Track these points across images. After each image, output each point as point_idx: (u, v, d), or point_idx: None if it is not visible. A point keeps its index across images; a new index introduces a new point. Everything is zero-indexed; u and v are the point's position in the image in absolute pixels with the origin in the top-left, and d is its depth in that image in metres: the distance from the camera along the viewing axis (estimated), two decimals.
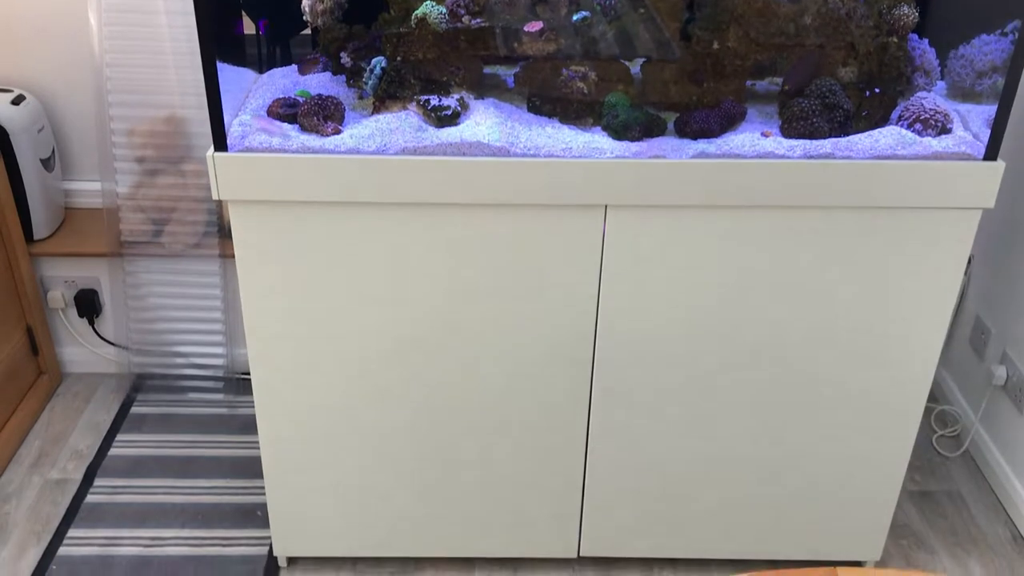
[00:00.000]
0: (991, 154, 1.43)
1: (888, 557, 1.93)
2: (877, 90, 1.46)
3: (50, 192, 2.18)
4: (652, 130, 1.46)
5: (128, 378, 2.40)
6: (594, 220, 1.47)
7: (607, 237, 1.49)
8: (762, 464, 1.72)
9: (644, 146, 1.44)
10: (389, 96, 1.49)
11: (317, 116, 1.44)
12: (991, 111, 1.45)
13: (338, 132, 1.44)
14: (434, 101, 1.46)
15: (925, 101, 1.45)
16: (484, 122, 1.45)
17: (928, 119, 1.44)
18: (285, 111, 1.48)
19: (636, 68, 1.56)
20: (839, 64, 1.46)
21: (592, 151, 1.43)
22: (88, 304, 2.32)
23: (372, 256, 1.50)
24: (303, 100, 1.47)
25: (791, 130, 1.45)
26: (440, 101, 1.46)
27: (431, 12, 1.43)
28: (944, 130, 1.45)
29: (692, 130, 1.45)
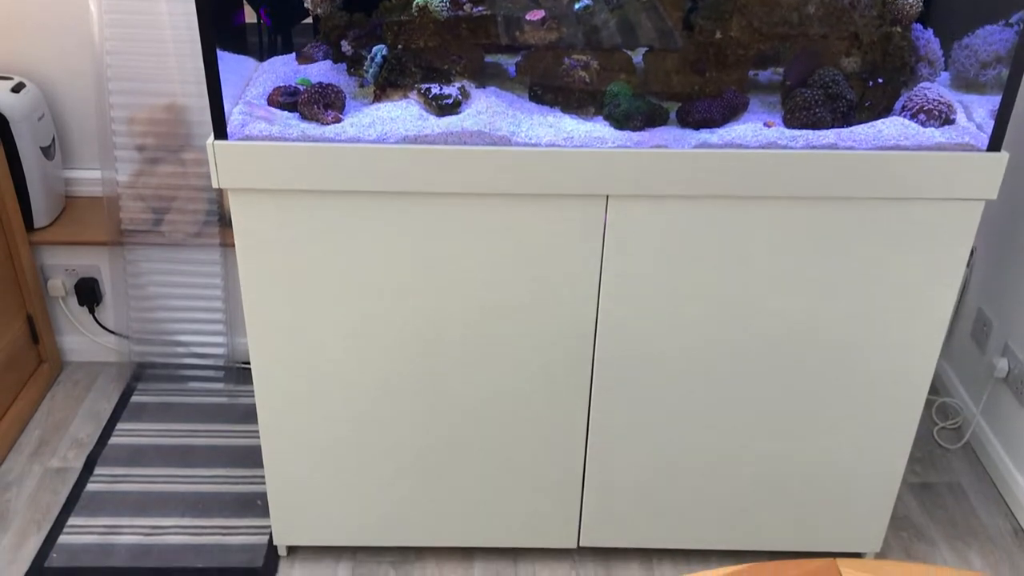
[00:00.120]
0: (995, 145, 1.42)
1: (888, 549, 1.93)
2: (880, 80, 1.45)
3: (50, 180, 2.17)
4: (654, 120, 1.45)
5: (128, 367, 2.40)
6: (595, 210, 1.47)
7: (608, 227, 1.49)
8: (762, 455, 1.72)
9: (646, 136, 1.43)
10: (390, 84, 1.48)
11: (317, 104, 1.44)
12: (995, 102, 1.44)
13: (339, 121, 1.44)
14: (435, 90, 1.45)
15: (929, 91, 1.44)
16: (485, 111, 1.44)
17: (932, 110, 1.43)
18: (286, 99, 1.47)
19: (638, 57, 1.55)
20: (842, 54, 1.46)
21: (594, 141, 1.42)
22: (88, 292, 2.32)
23: (372, 245, 1.50)
24: (304, 88, 1.46)
25: (794, 120, 1.45)
26: (441, 90, 1.45)
27: (432, 0, 1.42)
28: (947, 121, 1.45)
29: (694, 120, 1.45)
